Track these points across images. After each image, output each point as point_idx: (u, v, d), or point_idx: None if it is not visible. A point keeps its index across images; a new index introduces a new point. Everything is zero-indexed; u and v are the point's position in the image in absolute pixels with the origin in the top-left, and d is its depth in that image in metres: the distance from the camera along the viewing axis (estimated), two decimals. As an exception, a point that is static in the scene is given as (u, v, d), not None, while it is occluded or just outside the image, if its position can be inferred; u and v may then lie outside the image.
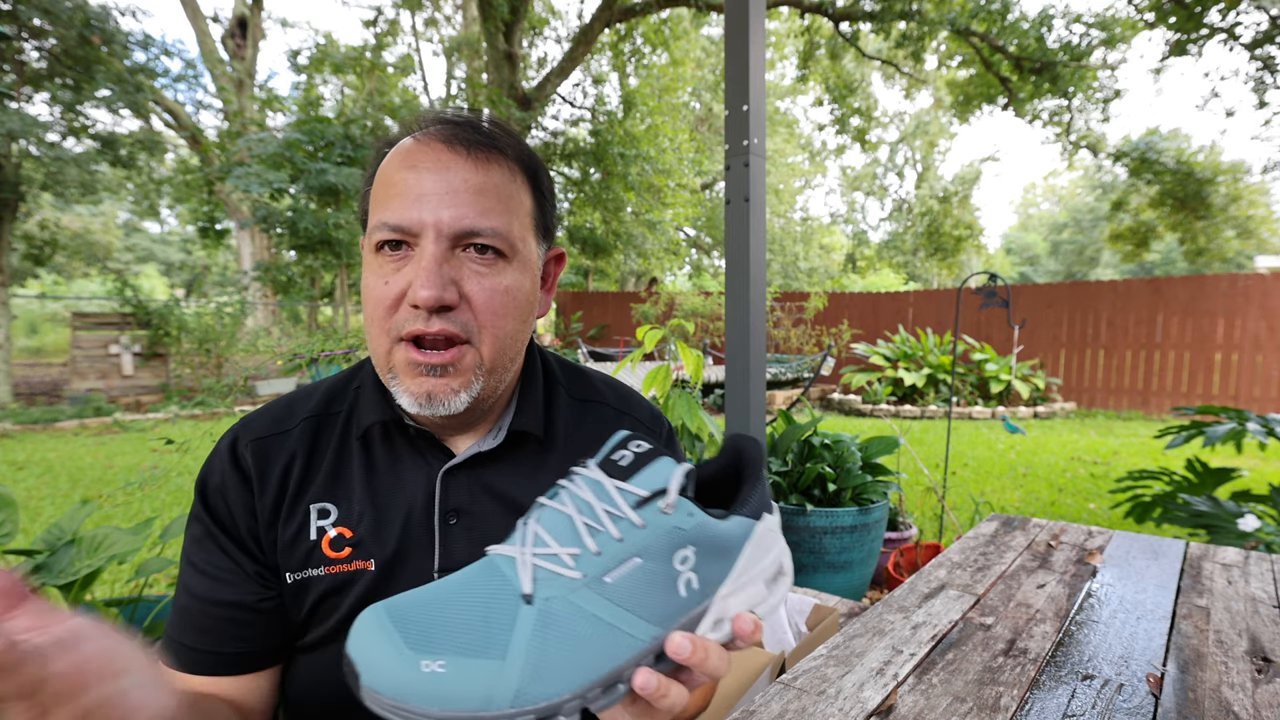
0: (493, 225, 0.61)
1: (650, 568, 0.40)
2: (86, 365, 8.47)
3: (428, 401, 0.61)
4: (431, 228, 0.59)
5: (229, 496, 0.65)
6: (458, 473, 0.68)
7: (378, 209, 0.62)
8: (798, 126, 25.89)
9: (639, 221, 14.06)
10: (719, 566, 0.42)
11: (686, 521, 0.40)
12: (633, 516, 0.40)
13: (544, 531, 0.41)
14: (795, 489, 2.73)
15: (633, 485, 0.41)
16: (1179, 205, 12.70)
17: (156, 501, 4.22)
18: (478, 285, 0.61)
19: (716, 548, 0.42)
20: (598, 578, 0.39)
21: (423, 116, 0.65)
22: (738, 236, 1.96)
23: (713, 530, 0.41)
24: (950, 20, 10.40)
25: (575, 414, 0.75)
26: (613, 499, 0.41)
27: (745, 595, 0.43)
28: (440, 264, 0.59)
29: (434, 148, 0.61)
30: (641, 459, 0.42)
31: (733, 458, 0.49)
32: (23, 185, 8.25)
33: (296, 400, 0.71)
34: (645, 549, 0.40)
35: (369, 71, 12.96)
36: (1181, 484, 2.72)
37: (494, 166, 0.62)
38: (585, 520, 0.40)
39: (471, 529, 0.67)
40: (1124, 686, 0.81)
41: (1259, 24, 9.04)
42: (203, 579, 0.64)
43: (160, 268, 29.34)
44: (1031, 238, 37.17)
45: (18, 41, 7.95)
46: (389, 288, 0.60)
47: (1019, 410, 8.31)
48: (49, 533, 1.53)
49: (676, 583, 0.40)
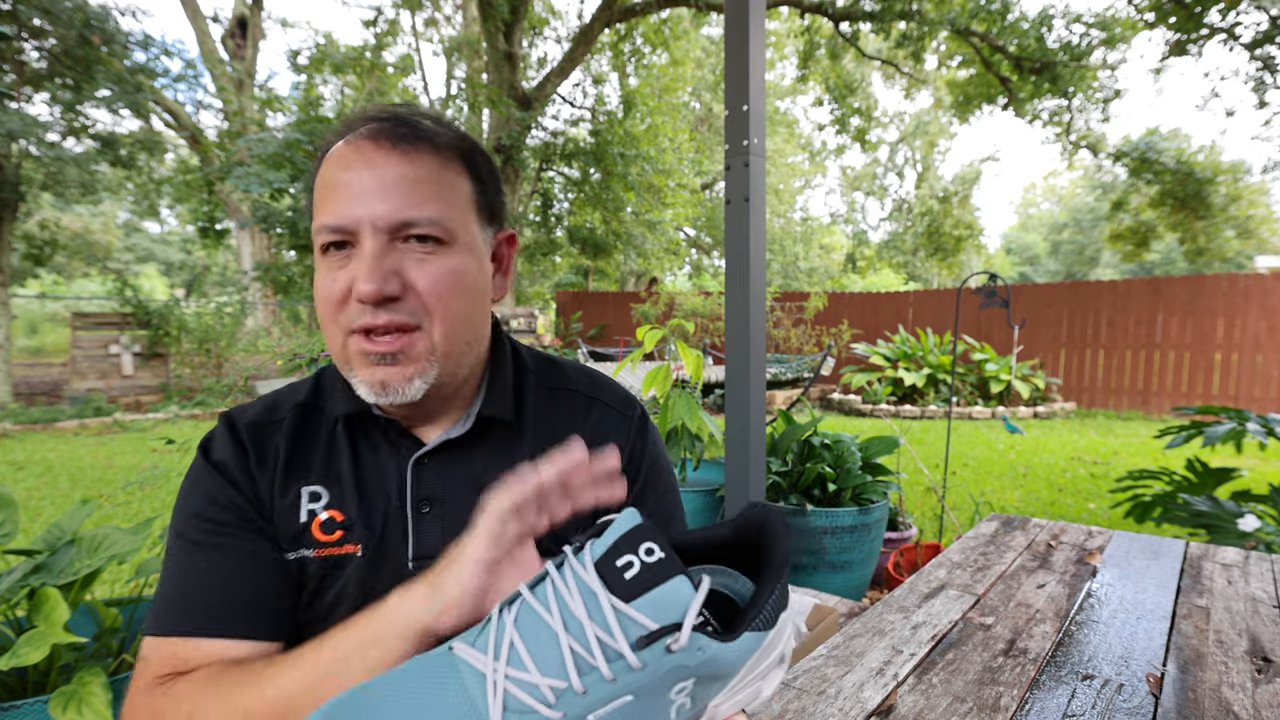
0: (427, 214, 0.62)
1: (642, 704, 0.34)
2: (86, 365, 8.47)
3: (382, 390, 0.63)
4: (368, 224, 0.61)
5: (230, 464, 0.66)
6: (428, 461, 0.68)
7: (318, 213, 0.63)
8: (798, 126, 25.89)
9: (639, 221, 14.05)
10: (717, 685, 0.36)
11: (694, 657, 0.34)
12: (630, 658, 0.33)
13: (522, 645, 0.34)
14: (795, 489, 2.73)
15: (636, 611, 0.33)
16: (1179, 205, 12.70)
17: (156, 501, 4.22)
18: (420, 272, 0.62)
19: (718, 674, 0.36)
20: (580, 718, 0.33)
21: (352, 119, 0.67)
22: (738, 236, 1.96)
23: (720, 659, 0.35)
24: (950, 20, 10.40)
25: (545, 401, 0.76)
26: (609, 626, 0.33)
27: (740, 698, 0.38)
28: (379, 258, 0.60)
29: (362, 147, 0.63)
30: (651, 574, 0.34)
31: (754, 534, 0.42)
32: (23, 185, 8.25)
33: (285, 394, 0.73)
34: (640, 688, 0.34)
35: (369, 71, 12.94)
36: (1181, 484, 2.72)
37: (423, 157, 0.64)
38: (574, 645, 0.34)
39: (444, 518, 0.67)
40: (1124, 686, 0.81)
41: (1259, 24, 9.04)
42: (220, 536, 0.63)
43: (160, 268, 29.33)
44: (1031, 238, 37.16)
45: (18, 41, 7.94)
46: (336, 285, 0.62)
47: (1019, 410, 8.31)
48: (49, 533, 1.53)
49: (668, 711, 0.35)
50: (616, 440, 0.74)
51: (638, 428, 0.77)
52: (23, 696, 1.39)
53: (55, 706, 1.18)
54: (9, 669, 1.32)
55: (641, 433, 0.77)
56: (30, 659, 1.17)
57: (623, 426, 0.76)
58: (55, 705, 1.18)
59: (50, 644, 1.20)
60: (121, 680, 1.34)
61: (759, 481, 2.09)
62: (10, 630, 1.42)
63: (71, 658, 1.45)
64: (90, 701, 1.20)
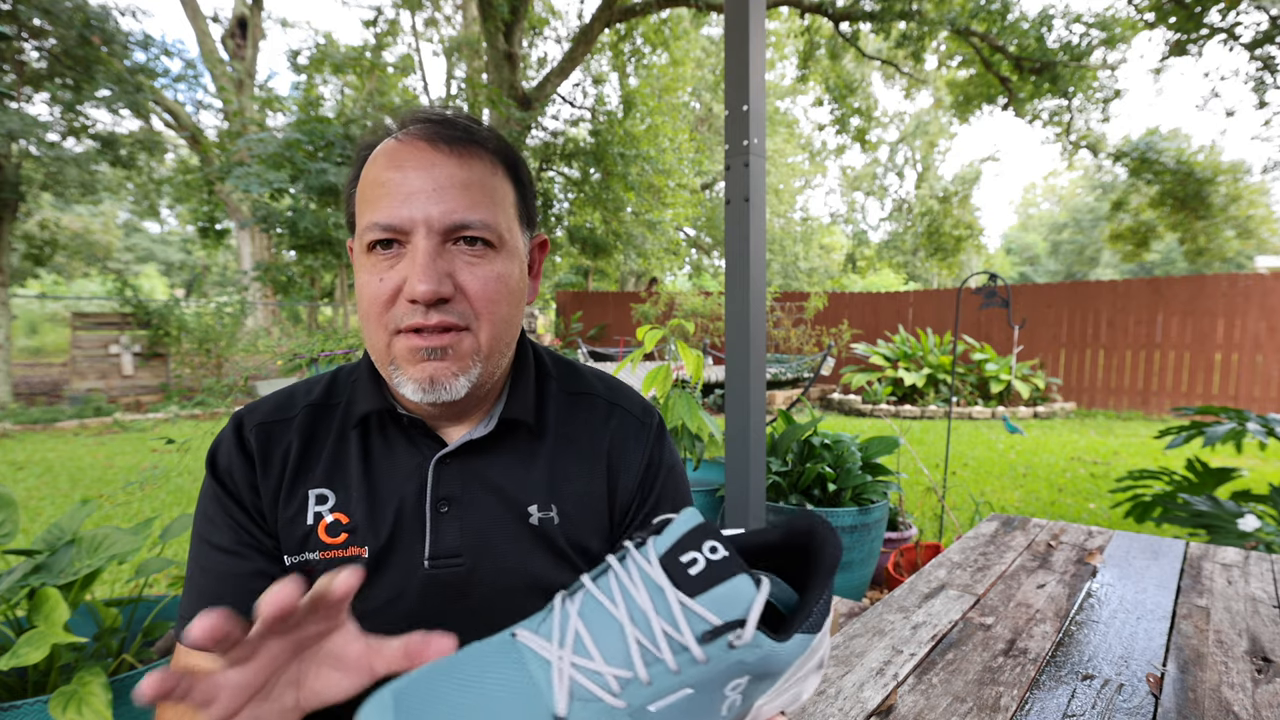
0: (481, 217, 0.63)
1: (700, 698, 0.35)
2: (86, 365, 8.47)
3: (431, 386, 0.63)
4: (422, 224, 0.61)
5: (235, 476, 0.67)
6: (450, 461, 0.69)
7: (367, 210, 0.63)
8: (798, 126, 25.89)
9: (639, 221, 14.05)
10: (766, 684, 0.38)
11: (752, 654, 0.35)
12: (696, 651, 0.34)
13: (587, 635, 0.35)
14: (795, 489, 2.73)
15: (702, 607, 0.34)
16: (1179, 205, 12.70)
17: (156, 501, 4.22)
18: (471, 275, 0.63)
19: (771, 670, 0.37)
20: (642, 707, 0.34)
21: (401, 117, 0.67)
22: (738, 236, 1.96)
23: (775, 658, 0.36)
24: (950, 20, 10.40)
25: (566, 406, 0.76)
26: (676, 621, 0.34)
27: (783, 699, 0.40)
28: (434, 259, 0.61)
29: (418, 146, 0.63)
30: (716, 571, 0.35)
31: (801, 538, 0.43)
32: (23, 185, 8.25)
33: (298, 390, 0.73)
34: (701, 682, 0.35)
35: (369, 71, 12.94)
36: (1181, 484, 2.72)
37: (476, 161, 0.64)
38: (640, 638, 0.34)
39: (462, 517, 0.67)
40: (1124, 686, 0.80)
41: (1259, 24, 9.03)
42: (221, 555, 0.65)
43: (160, 268, 29.33)
44: (1031, 238, 37.16)
45: (18, 41, 7.94)
46: (384, 284, 0.62)
47: (1019, 410, 8.31)
48: (49, 533, 1.53)
49: (721, 706, 0.36)
50: (636, 447, 0.76)
51: (656, 436, 0.78)
52: (23, 696, 1.39)
53: (55, 706, 1.18)
54: (9, 669, 1.32)
55: (659, 441, 0.78)
56: (30, 659, 1.17)
57: (642, 434, 0.77)
58: (55, 705, 1.18)
59: (50, 644, 1.20)
60: (121, 680, 1.34)
61: (759, 481, 2.09)
62: (10, 630, 1.42)
63: (71, 658, 1.45)
64: (90, 701, 1.20)
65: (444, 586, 0.66)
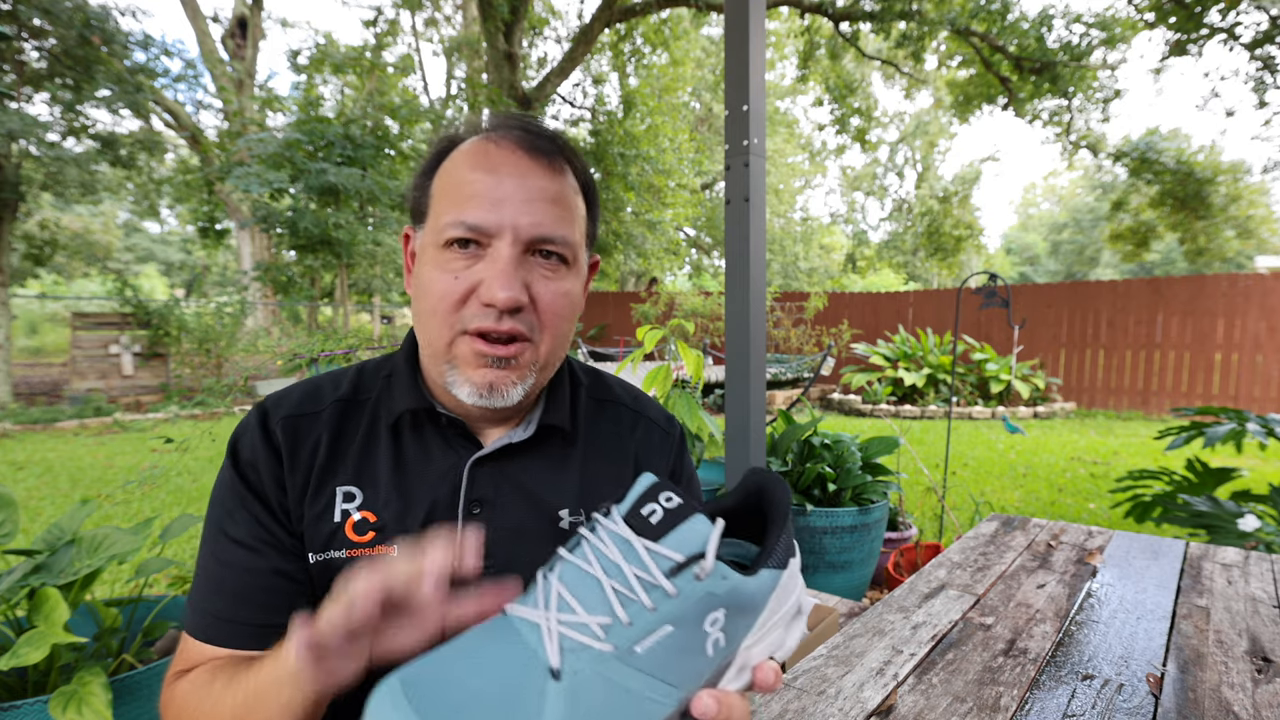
0: (563, 234, 0.64)
1: (681, 634, 0.38)
2: (86, 365, 8.47)
3: (489, 392, 0.63)
4: (510, 231, 0.61)
5: (261, 469, 0.65)
6: (485, 463, 0.69)
7: (450, 206, 0.63)
8: (798, 126, 25.88)
9: (639, 221, 14.05)
10: (745, 621, 0.41)
11: (720, 585, 0.39)
12: (666, 585, 0.37)
13: (568, 594, 0.38)
14: (795, 489, 2.73)
15: (665, 548, 0.38)
16: (1179, 205, 12.70)
17: (156, 501, 4.22)
18: (545, 288, 0.64)
19: (744, 606, 0.40)
20: (628, 649, 0.37)
21: (493, 119, 0.68)
22: (738, 236, 1.96)
23: (743, 590, 0.40)
24: (950, 20, 10.40)
25: (594, 413, 0.77)
26: (644, 563, 0.38)
27: (767, 643, 0.42)
28: (516, 267, 0.61)
29: (514, 153, 0.63)
30: (673, 516, 0.39)
31: (754, 496, 0.46)
32: (23, 185, 8.25)
33: (324, 384, 0.72)
34: (678, 617, 0.38)
35: (369, 71, 12.94)
36: (1181, 484, 2.72)
37: (564, 177, 0.65)
38: (615, 585, 0.38)
39: (493, 519, 0.67)
40: (1124, 686, 0.80)
41: (1259, 24, 9.03)
42: (239, 549, 0.63)
43: (160, 268, 29.32)
44: (1031, 238, 37.16)
45: (18, 41, 7.94)
46: (458, 283, 0.62)
47: (1019, 410, 8.31)
48: (49, 533, 1.53)
49: (705, 644, 0.39)
50: (661, 456, 0.77)
51: (679, 446, 0.80)
52: (23, 696, 1.38)
53: (55, 706, 1.18)
54: (9, 669, 1.32)
55: (681, 450, 0.80)
56: (30, 659, 1.17)
57: (666, 444, 0.78)
58: (55, 705, 1.18)
59: (50, 644, 1.20)
60: (121, 680, 1.34)
61: (759, 481, 2.08)
62: (10, 630, 1.42)
63: (71, 658, 1.45)
64: (90, 702, 1.20)
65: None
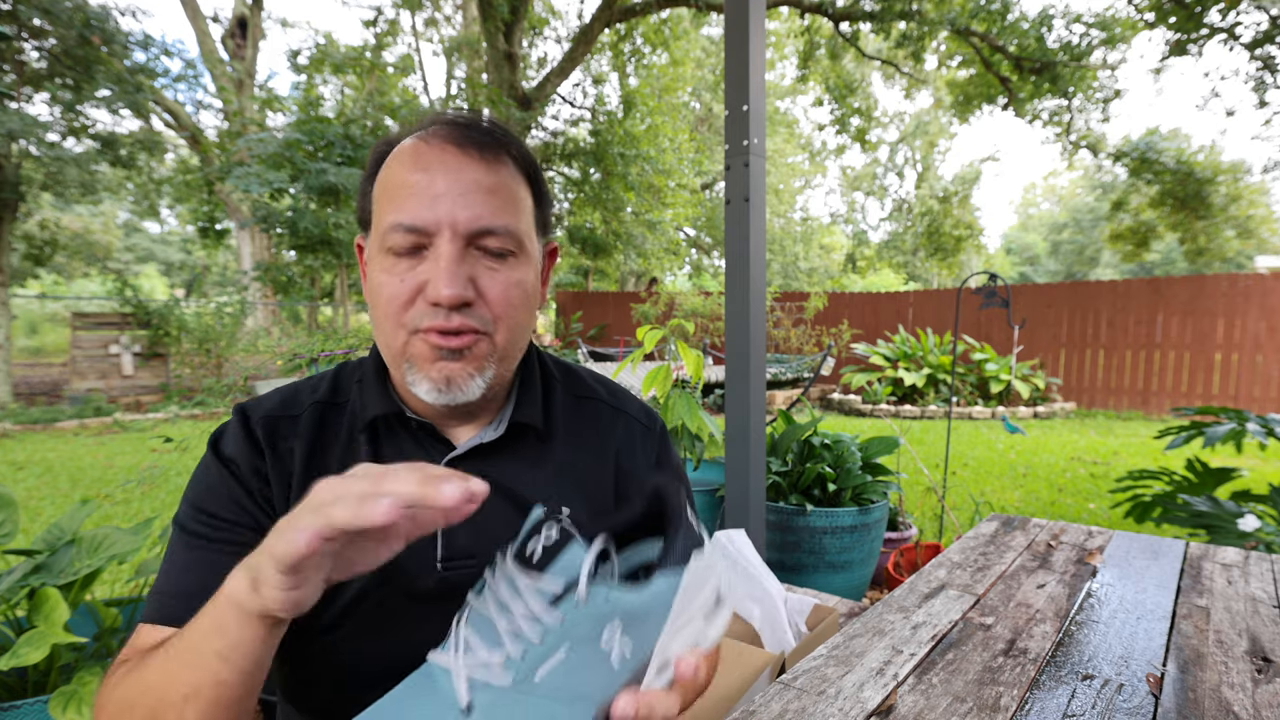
0: (504, 224, 0.63)
1: (579, 654, 0.40)
2: (86, 365, 8.47)
3: (447, 386, 0.63)
4: (448, 227, 0.61)
5: (242, 463, 0.65)
6: (459, 464, 0.68)
7: (389, 210, 0.62)
8: (798, 126, 25.88)
9: (639, 221, 14.05)
10: (649, 627, 0.41)
11: (604, 606, 0.40)
12: (546, 617, 0.40)
13: (473, 636, 0.41)
14: (795, 489, 2.73)
15: (545, 581, 0.40)
16: (1179, 205, 12.70)
17: (156, 501, 4.22)
18: (491, 281, 0.63)
19: (641, 615, 0.41)
20: (527, 678, 0.39)
21: (425, 118, 0.67)
22: (738, 236, 1.96)
23: (636, 601, 0.41)
24: (950, 20, 10.40)
25: (572, 409, 0.77)
26: (525, 599, 0.40)
27: (684, 636, 0.42)
28: (458, 263, 0.61)
29: (445, 149, 0.62)
30: (550, 551, 0.42)
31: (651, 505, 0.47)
32: (23, 185, 8.24)
33: (302, 388, 0.72)
34: (571, 641, 0.40)
35: (369, 71, 12.95)
36: (1181, 484, 2.72)
37: (502, 166, 0.64)
38: (504, 623, 0.40)
39: (473, 520, 0.67)
40: (1124, 686, 0.81)
41: (1259, 24, 9.03)
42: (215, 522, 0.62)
43: (160, 268, 29.32)
44: (1031, 238, 37.16)
45: (18, 41, 7.94)
46: (404, 285, 0.62)
47: (1019, 410, 8.31)
48: (49, 533, 1.53)
49: (609, 658, 0.40)
50: (642, 451, 0.77)
51: (660, 440, 0.79)
52: (23, 696, 1.39)
53: (55, 706, 1.18)
54: (9, 669, 1.32)
55: (663, 444, 0.80)
56: (30, 659, 1.17)
57: (647, 439, 0.78)
58: (55, 705, 1.18)
59: (50, 644, 1.20)
60: (121, 680, 1.34)
61: (759, 481, 2.09)
62: (10, 630, 1.42)
63: (71, 658, 1.45)
64: (90, 701, 1.20)
65: (457, 587, 0.66)
